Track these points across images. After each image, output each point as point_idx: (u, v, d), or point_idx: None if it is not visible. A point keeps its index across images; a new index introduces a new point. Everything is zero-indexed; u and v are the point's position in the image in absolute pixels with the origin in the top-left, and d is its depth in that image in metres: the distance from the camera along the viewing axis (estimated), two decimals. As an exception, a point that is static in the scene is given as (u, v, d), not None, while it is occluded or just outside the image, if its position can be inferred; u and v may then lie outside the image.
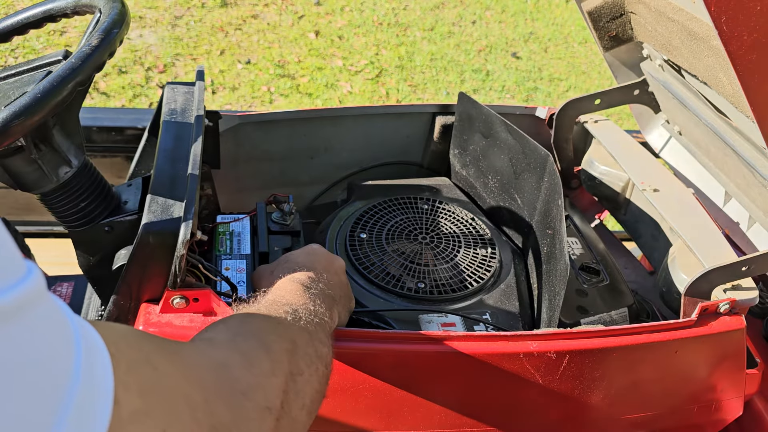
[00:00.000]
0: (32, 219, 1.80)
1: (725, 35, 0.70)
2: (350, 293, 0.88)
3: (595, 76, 4.05)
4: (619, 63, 1.36)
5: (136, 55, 3.42)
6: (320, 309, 0.72)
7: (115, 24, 0.80)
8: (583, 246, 1.23)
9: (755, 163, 1.04)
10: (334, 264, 0.86)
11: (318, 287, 0.77)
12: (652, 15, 1.09)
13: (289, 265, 0.81)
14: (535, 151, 1.07)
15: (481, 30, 4.27)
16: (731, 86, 0.95)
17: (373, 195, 1.24)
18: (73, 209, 0.90)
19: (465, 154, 1.32)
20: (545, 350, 0.88)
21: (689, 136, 1.32)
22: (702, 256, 1.00)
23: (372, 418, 0.89)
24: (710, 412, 1.07)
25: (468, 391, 0.91)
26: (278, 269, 0.81)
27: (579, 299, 1.09)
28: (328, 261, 0.86)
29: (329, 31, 3.95)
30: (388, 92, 3.57)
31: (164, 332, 0.79)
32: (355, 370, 0.84)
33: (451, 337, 0.88)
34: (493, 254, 1.11)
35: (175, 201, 0.82)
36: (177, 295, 0.79)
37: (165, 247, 0.77)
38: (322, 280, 0.79)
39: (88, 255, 0.94)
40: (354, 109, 1.38)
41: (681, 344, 0.94)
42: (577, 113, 1.36)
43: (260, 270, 0.86)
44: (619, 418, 1.02)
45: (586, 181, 1.38)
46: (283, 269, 0.80)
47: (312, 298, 0.74)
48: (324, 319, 0.71)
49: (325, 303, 0.75)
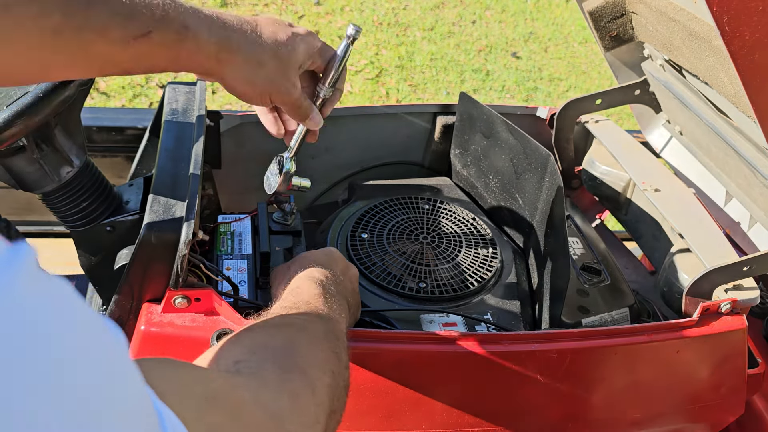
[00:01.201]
0: (33, 219, 1.80)
1: (727, 35, 0.70)
2: (359, 303, 0.87)
3: (596, 76, 4.05)
4: (619, 63, 1.36)
5: (137, 55, 3.42)
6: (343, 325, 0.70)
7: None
8: (584, 246, 1.23)
9: (756, 163, 1.04)
10: (350, 271, 0.85)
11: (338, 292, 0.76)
12: (653, 15, 1.09)
13: (308, 263, 0.80)
14: (536, 151, 1.07)
15: (481, 30, 4.27)
16: (732, 86, 0.95)
17: (374, 195, 1.24)
18: (75, 209, 0.90)
19: (466, 154, 1.32)
20: (547, 350, 0.88)
21: (690, 136, 1.32)
22: (703, 256, 1.00)
23: (373, 417, 0.89)
24: (711, 412, 1.07)
25: (469, 390, 0.91)
26: (297, 265, 0.80)
27: (580, 299, 1.09)
28: (346, 266, 0.85)
29: (329, 31, 3.95)
30: (388, 92, 3.57)
31: (166, 332, 0.79)
32: (356, 369, 0.84)
33: (452, 336, 0.88)
34: (495, 254, 1.11)
35: (177, 201, 0.82)
36: (179, 294, 0.79)
37: (167, 247, 0.77)
38: (340, 285, 0.78)
39: (90, 255, 0.94)
40: (354, 109, 1.38)
41: (682, 344, 0.94)
42: (578, 113, 1.36)
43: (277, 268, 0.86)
44: (620, 418, 1.02)
45: (587, 181, 1.38)
46: (302, 266, 0.79)
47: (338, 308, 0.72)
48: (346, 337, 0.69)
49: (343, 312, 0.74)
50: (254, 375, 0.51)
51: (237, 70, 0.67)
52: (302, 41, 0.72)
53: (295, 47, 0.71)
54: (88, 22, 0.53)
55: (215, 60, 0.65)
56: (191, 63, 0.64)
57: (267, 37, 0.69)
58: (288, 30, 0.72)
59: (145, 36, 0.57)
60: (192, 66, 0.64)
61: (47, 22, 0.51)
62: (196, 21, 0.62)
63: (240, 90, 0.69)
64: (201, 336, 0.78)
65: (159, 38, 0.58)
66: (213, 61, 0.64)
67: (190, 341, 0.79)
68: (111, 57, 0.57)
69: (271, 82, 0.70)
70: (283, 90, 0.72)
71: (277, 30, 0.70)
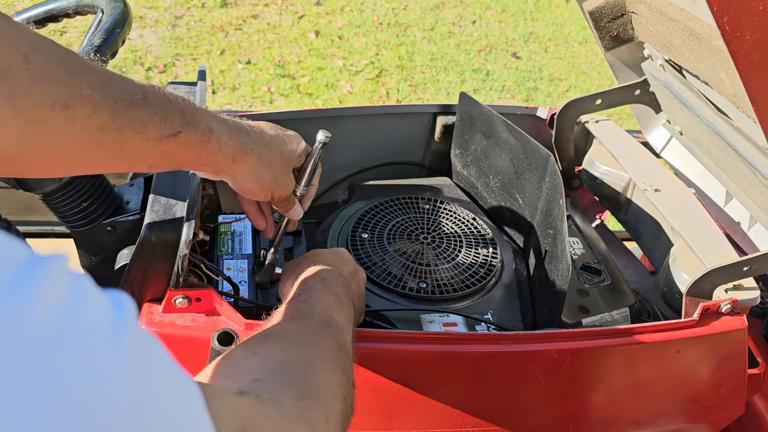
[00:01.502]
0: (33, 219, 1.80)
1: (727, 35, 0.70)
2: (364, 307, 0.87)
3: (596, 76, 4.05)
4: (620, 63, 1.36)
5: (137, 55, 3.42)
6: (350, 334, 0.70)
7: (117, 24, 0.80)
8: (584, 246, 1.23)
9: (756, 163, 1.04)
10: (358, 274, 0.85)
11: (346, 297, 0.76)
12: (654, 15, 1.09)
13: (318, 261, 0.80)
14: (536, 151, 1.07)
15: (481, 30, 4.27)
16: (733, 86, 0.95)
17: (375, 195, 1.24)
18: (76, 209, 0.90)
19: (466, 154, 1.32)
20: (547, 350, 0.88)
21: (690, 136, 1.32)
22: (703, 256, 1.00)
23: (374, 417, 0.89)
24: (711, 412, 1.07)
25: (470, 390, 0.91)
26: (306, 263, 0.80)
27: (580, 299, 1.09)
28: (354, 269, 0.85)
29: (329, 31, 3.95)
30: (389, 92, 3.57)
31: (166, 332, 0.79)
32: (357, 369, 0.84)
33: (452, 336, 0.88)
34: (495, 254, 1.11)
35: (177, 201, 0.82)
36: (179, 294, 0.79)
37: (167, 247, 0.77)
38: (348, 287, 0.78)
39: (90, 255, 0.94)
40: (354, 109, 1.38)
41: (682, 344, 0.94)
42: (578, 113, 1.36)
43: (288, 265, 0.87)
44: (620, 418, 1.02)
45: (587, 181, 1.38)
46: (312, 262, 0.80)
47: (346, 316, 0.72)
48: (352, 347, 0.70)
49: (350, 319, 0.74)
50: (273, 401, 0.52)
51: (249, 171, 0.74)
52: (295, 142, 0.82)
53: (293, 148, 0.81)
54: (131, 122, 0.58)
55: (231, 160, 0.71)
56: (209, 162, 0.69)
57: (272, 139, 0.77)
58: (283, 132, 0.81)
59: (176, 136, 0.63)
60: (209, 164, 0.70)
61: (97, 120, 0.56)
62: (218, 125, 0.69)
63: (248, 187, 0.76)
64: (202, 336, 0.78)
65: (187, 138, 0.64)
66: (229, 161, 0.71)
67: (190, 341, 0.79)
68: (142, 153, 0.62)
69: (276, 180, 0.78)
70: (283, 186, 0.80)
71: (278, 133, 0.79)
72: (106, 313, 0.29)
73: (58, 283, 0.27)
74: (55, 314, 0.26)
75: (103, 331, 0.28)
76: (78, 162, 0.60)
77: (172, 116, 0.62)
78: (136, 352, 0.30)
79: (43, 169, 0.60)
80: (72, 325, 0.27)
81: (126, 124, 0.58)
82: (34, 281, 0.26)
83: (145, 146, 0.61)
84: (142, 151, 0.61)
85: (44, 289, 0.26)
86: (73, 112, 0.53)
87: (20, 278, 0.26)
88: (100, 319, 0.29)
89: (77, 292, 0.28)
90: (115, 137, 0.58)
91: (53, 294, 0.27)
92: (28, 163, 0.56)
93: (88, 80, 0.55)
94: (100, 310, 0.29)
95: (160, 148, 0.62)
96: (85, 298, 0.28)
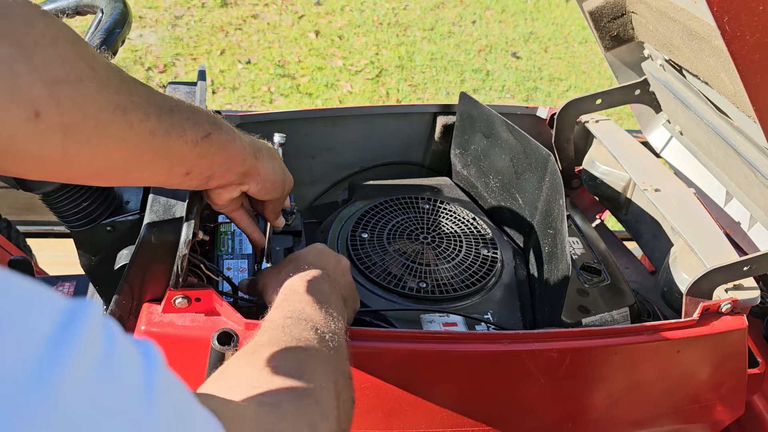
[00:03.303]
0: (33, 219, 1.80)
1: (727, 35, 0.70)
2: (356, 294, 0.87)
3: (595, 76, 4.05)
4: (620, 63, 1.36)
5: (137, 55, 3.42)
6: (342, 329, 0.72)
7: (117, 24, 0.80)
8: (584, 246, 1.23)
9: (756, 162, 1.04)
10: (341, 264, 0.85)
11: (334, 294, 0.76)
12: (654, 15, 1.09)
13: (299, 264, 0.80)
14: (536, 150, 1.07)
15: (481, 30, 4.27)
16: (733, 86, 0.95)
17: (375, 195, 1.24)
18: (75, 209, 0.90)
19: (466, 154, 1.32)
20: (547, 350, 0.88)
21: (690, 136, 1.32)
22: (703, 256, 1.00)
23: (374, 417, 0.89)
24: (711, 412, 1.07)
25: (469, 390, 0.92)
26: (288, 268, 0.80)
27: (580, 299, 1.09)
28: (336, 260, 0.85)
29: (329, 31, 3.95)
30: (388, 92, 3.57)
31: (166, 332, 0.79)
32: (357, 369, 0.84)
33: (452, 336, 0.88)
34: (495, 254, 1.11)
35: (177, 201, 0.82)
36: (179, 294, 0.79)
37: (167, 247, 0.77)
38: (335, 284, 0.79)
39: (90, 255, 0.94)
40: (354, 109, 1.38)
41: (682, 344, 0.94)
42: (578, 113, 1.36)
43: (266, 272, 0.85)
44: (620, 418, 1.02)
45: (587, 180, 1.38)
46: (293, 269, 0.79)
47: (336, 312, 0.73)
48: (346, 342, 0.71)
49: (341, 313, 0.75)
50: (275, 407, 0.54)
51: (268, 165, 0.79)
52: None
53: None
54: (174, 126, 0.63)
55: (254, 157, 0.76)
56: (237, 161, 0.73)
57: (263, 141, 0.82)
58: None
59: (207, 137, 0.67)
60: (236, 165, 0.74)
61: (148, 125, 0.60)
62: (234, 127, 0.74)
63: (271, 179, 0.79)
64: (201, 336, 0.78)
65: (216, 138, 0.69)
66: (253, 158, 0.76)
67: (190, 341, 0.79)
68: (183, 155, 0.66)
69: (284, 171, 0.83)
70: (290, 177, 0.84)
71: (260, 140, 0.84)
72: (137, 363, 0.32)
73: (93, 339, 0.29)
74: (92, 375, 0.28)
75: (137, 388, 0.31)
76: (129, 167, 0.63)
77: (201, 120, 0.67)
78: (166, 412, 0.32)
79: (99, 174, 0.63)
80: (108, 383, 0.29)
81: (170, 127, 0.63)
82: (74, 336, 0.28)
83: (185, 149, 0.65)
84: (182, 154, 0.66)
85: (82, 345, 0.28)
86: (129, 117, 0.58)
87: (61, 334, 0.27)
88: (132, 373, 0.31)
89: (111, 346, 0.30)
90: (162, 140, 0.62)
91: (89, 350, 0.28)
92: (87, 170, 0.60)
93: (136, 89, 0.59)
94: (132, 359, 0.31)
95: (197, 150, 0.67)
96: (116, 353, 0.30)
